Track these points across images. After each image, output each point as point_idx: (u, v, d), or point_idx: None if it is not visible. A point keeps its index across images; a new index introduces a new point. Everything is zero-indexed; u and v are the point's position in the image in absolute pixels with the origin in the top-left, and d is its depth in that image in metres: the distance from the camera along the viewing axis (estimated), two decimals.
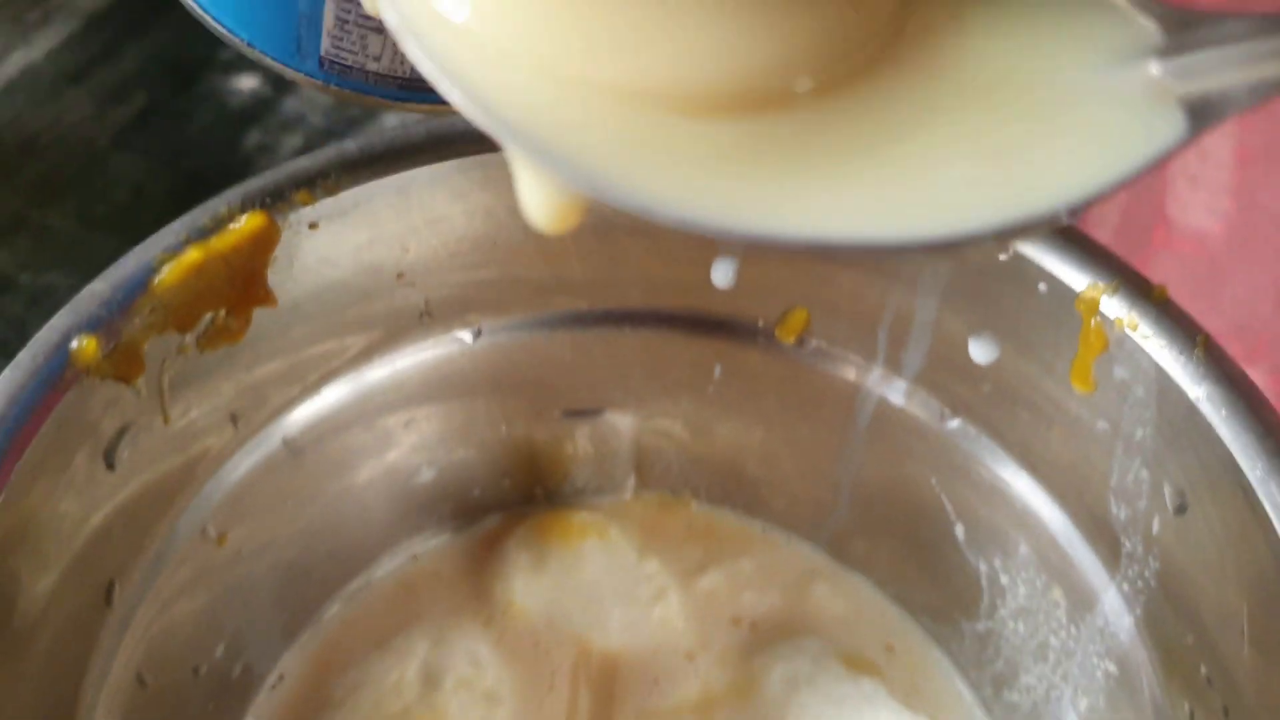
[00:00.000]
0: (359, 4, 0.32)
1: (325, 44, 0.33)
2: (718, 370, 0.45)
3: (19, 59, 0.67)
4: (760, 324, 0.44)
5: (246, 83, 0.67)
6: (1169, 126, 0.23)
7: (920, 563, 0.46)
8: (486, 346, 0.44)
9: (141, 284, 0.34)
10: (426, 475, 0.46)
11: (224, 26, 0.34)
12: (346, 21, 0.33)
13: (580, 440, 0.48)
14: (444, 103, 0.24)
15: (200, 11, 0.34)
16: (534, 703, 0.44)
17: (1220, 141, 0.50)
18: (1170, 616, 0.36)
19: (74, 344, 0.33)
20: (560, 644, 0.45)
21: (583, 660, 0.45)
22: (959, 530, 0.44)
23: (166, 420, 0.36)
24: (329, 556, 0.45)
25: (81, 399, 0.33)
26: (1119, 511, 0.37)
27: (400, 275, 0.40)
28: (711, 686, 0.44)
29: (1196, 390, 0.34)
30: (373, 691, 0.43)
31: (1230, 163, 0.50)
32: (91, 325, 0.33)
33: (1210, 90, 0.23)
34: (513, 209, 0.40)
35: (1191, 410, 0.33)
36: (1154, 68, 0.23)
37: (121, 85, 0.67)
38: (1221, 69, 0.23)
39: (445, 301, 0.42)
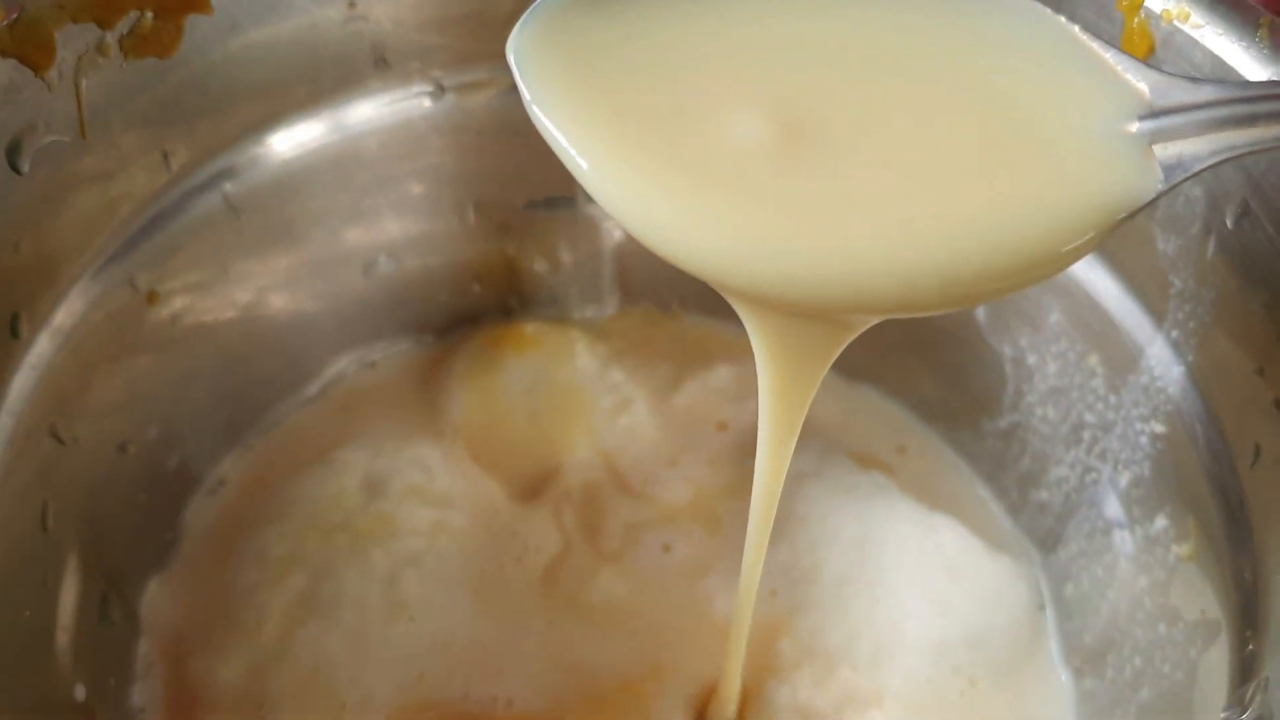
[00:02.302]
0: None
1: None
2: None
3: None
4: None
5: None
6: (1148, 179, 0.25)
7: (933, 365, 0.42)
8: (449, 109, 0.39)
9: None
10: (386, 267, 0.42)
11: None
12: None
13: (554, 237, 0.43)
14: None
15: None
16: (492, 510, 0.39)
17: None
18: (1231, 348, 0.32)
19: None
20: (520, 454, 0.41)
21: (551, 470, 0.40)
22: (980, 312, 0.39)
23: (84, 133, 0.31)
24: (276, 350, 0.40)
25: None
26: (1166, 246, 0.33)
27: (352, 4, 0.36)
28: (704, 488, 0.40)
29: (1263, 76, 0.29)
30: (310, 504, 0.38)
31: None
32: None
33: (1183, 150, 0.25)
34: None
35: None
36: (1136, 126, 0.25)
37: None
38: (1186, 131, 0.25)
39: (401, 47, 0.37)
